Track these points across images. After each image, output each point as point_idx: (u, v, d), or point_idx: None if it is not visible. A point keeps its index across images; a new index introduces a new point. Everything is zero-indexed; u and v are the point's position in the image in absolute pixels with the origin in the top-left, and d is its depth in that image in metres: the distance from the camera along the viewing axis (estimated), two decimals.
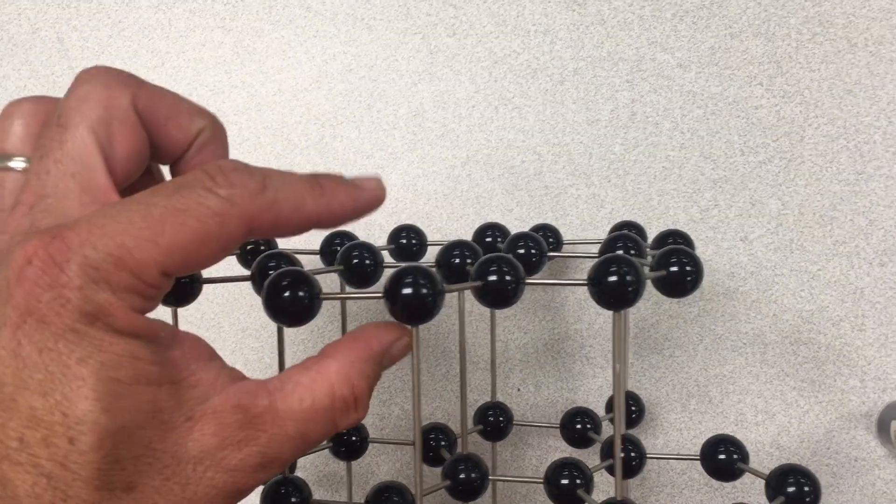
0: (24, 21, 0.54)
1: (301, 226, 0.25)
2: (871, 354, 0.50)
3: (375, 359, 0.28)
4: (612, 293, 0.30)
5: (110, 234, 0.21)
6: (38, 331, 0.20)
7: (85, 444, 0.20)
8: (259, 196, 0.23)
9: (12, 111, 0.27)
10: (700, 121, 0.50)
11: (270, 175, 0.24)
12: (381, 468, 0.53)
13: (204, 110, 0.28)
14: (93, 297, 0.20)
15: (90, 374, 0.20)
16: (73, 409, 0.20)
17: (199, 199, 0.22)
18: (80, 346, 0.20)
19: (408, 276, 0.28)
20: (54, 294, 0.20)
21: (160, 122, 0.26)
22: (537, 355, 0.52)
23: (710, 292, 0.51)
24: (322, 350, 0.27)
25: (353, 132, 0.52)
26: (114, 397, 0.21)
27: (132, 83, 0.26)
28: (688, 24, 0.50)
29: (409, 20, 0.51)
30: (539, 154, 0.51)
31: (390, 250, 0.45)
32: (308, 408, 0.25)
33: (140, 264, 0.21)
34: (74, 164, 0.24)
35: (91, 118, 0.24)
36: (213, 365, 0.25)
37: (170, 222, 0.21)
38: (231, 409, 0.23)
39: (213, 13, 0.53)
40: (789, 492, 0.34)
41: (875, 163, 0.49)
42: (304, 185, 0.25)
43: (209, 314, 0.53)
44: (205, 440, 0.23)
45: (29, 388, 0.20)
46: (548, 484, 0.36)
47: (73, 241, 0.21)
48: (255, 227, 0.23)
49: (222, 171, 0.23)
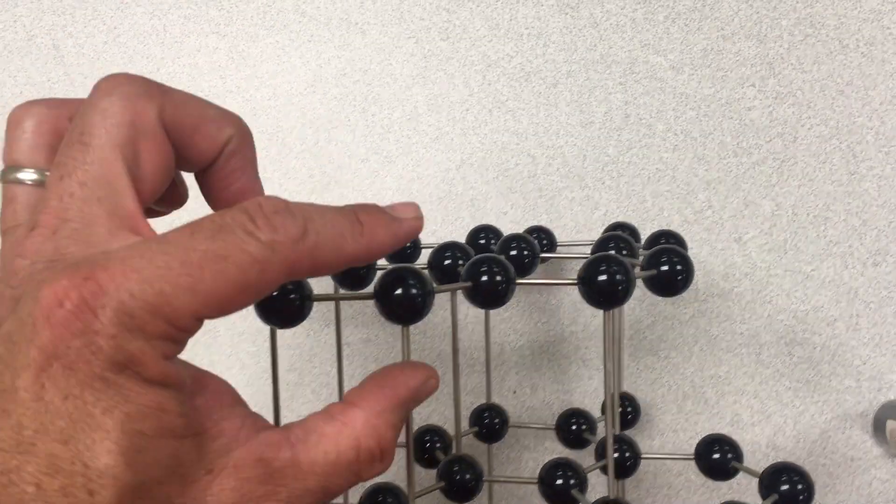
0: (20, 28, 0.54)
1: (339, 267, 0.24)
2: (866, 354, 0.50)
3: (403, 406, 0.26)
4: (601, 292, 0.30)
5: (148, 279, 0.20)
6: (64, 377, 0.19)
7: (104, 498, 0.19)
8: (301, 242, 0.22)
9: (21, 117, 0.25)
10: (693, 122, 0.50)
11: (312, 217, 0.23)
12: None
13: (231, 116, 0.27)
14: (125, 347, 0.19)
15: (115, 426, 0.19)
16: (94, 462, 0.19)
17: (241, 244, 0.21)
18: (107, 396, 0.19)
19: (398, 276, 0.28)
20: (85, 341, 0.19)
21: (187, 132, 0.25)
22: (533, 357, 0.52)
23: (704, 293, 0.51)
24: (346, 396, 0.26)
25: (347, 136, 0.52)
26: (137, 451, 0.20)
27: (157, 93, 0.24)
28: (680, 27, 0.50)
29: (402, 24, 0.52)
30: (533, 156, 0.51)
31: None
32: (332, 461, 0.24)
33: (177, 312, 0.20)
34: (100, 189, 0.22)
35: (116, 136, 0.23)
36: (237, 412, 0.24)
37: (209, 269, 0.20)
38: (253, 464, 0.22)
39: (207, 19, 0.53)
40: (783, 490, 0.34)
41: (868, 163, 0.49)
42: (345, 225, 0.24)
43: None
44: (224, 495, 0.22)
45: (49, 434, 0.19)
46: (542, 484, 0.36)
47: (108, 284, 0.19)
48: (295, 271, 0.22)
49: (263, 213, 0.22)
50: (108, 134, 0.23)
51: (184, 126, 0.25)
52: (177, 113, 0.25)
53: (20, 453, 0.19)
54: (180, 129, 0.25)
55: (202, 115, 0.26)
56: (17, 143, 0.25)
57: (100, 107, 0.23)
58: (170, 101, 0.25)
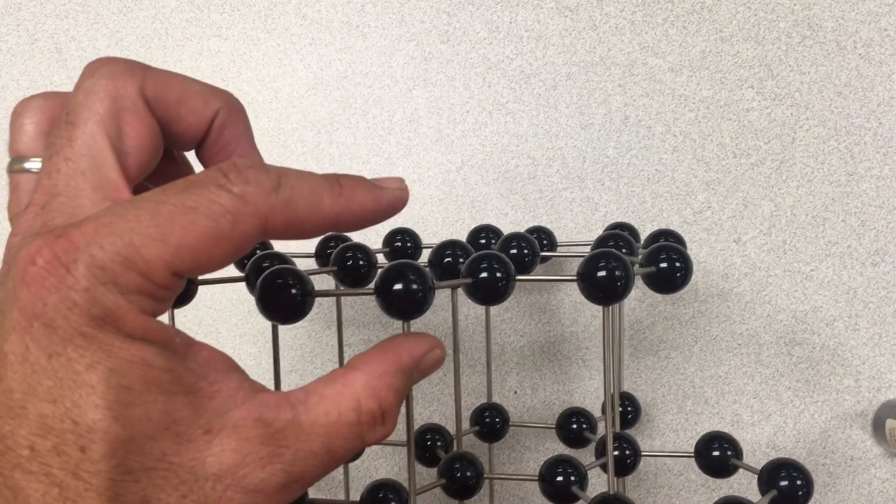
0: (23, 31, 0.54)
1: (319, 226, 0.24)
2: (865, 354, 0.50)
3: (405, 371, 0.26)
4: (600, 288, 0.30)
5: (118, 232, 0.20)
6: (46, 335, 0.19)
7: (96, 452, 0.19)
8: (274, 194, 0.22)
9: (21, 110, 0.26)
10: (692, 124, 0.51)
11: (287, 173, 0.23)
12: (378, 471, 0.53)
13: (217, 89, 0.27)
14: (100, 300, 0.20)
15: (100, 380, 0.20)
16: (83, 417, 0.19)
17: (211, 196, 0.21)
18: (90, 351, 0.20)
19: (398, 271, 0.28)
20: (61, 296, 0.19)
21: (171, 107, 0.26)
22: (533, 357, 0.52)
23: (704, 294, 0.51)
24: (349, 362, 0.26)
25: (348, 138, 0.53)
26: (124, 405, 0.20)
27: (138, 71, 0.25)
28: (679, 29, 0.51)
29: (403, 27, 0.52)
30: (533, 158, 0.52)
31: (385, 253, 0.46)
32: (334, 422, 0.24)
33: (149, 264, 0.20)
34: (84, 161, 0.23)
35: (99, 112, 0.23)
36: (233, 376, 0.24)
37: (179, 220, 0.20)
38: (252, 423, 0.22)
39: (209, 22, 0.53)
40: (782, 486, 0.35)
41: (866, 164, 0.50)
42: (323, 184, 0.24)
43: (207, 319, 0.53)
44: (225, 456, 0.22)
45: (38, 394, 0.19)
46: (542, 481, 0.36)
47: (79, 240, 0.20)
48: (270, 226, 0.22)
49: (236, 168, 0.22)
50: (90, 111, 0.24)
51: (167, 100, 0.25)
52: (159, 88, 0.25)
53: (12, 418, 0.20)
54: (164, 103, 0.25)
55: (185, 90, 0.26)
56: (19, 134, 0.26)
57: (84, 87, 0.24)
58: (151, 77, 0.25)
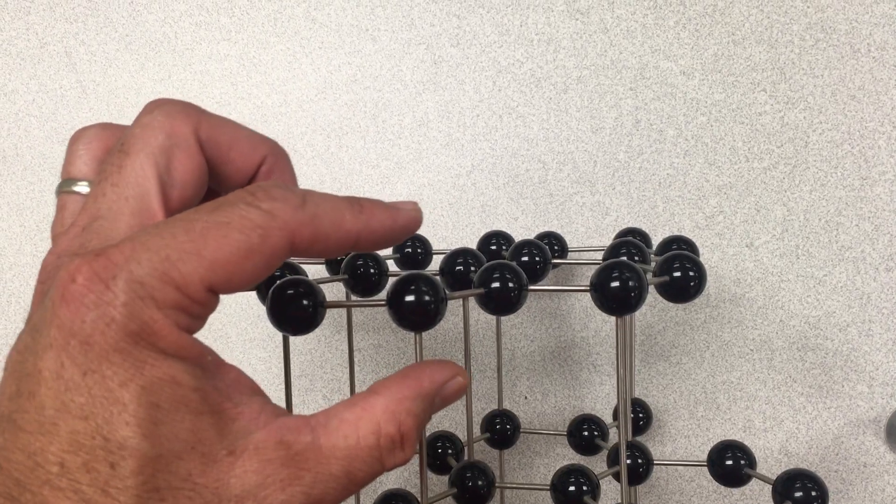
0: (33, 35, 0.54)
1: (341, 241, 0.25)
2: (878, 359, 0.49)
3: (425, 397, 0.26)
4: (614, 299, 0.30)
5: (154, 248, 0.21)
6: (83, 353, 0.20)
7: (126, 469, 0.20)
8: (300, 210, 0.23)
9: (79, 137, 0.27)
10: (704, 127, 0.50)
11: (311, 192, 0.24)
12: (388, 477, 0.53)
13: (265, 138, 0.28)
14: (138, 315, 0.20)
15: (132, 398, 0.20)
16: (114, 434, 0.20)
17: (241, 212, 0.22)
18: (123, 368, 0.20)
19: (410, 283, 0.28)
20: (99, 313, 0.20)
21: (223, 150, 0.27)
22: (544, 363, 0.52)
23: (716, 299, 0.50)
24: (370, 387, 0.26)
25: (358, 142, 0.52)
26: (154, 423, 0.20)
27: (194, 112, 0.26)
28: (690, 32, 0.50)
29: (413, 31, 0.52)
30: (544, 162, 0.51)
31: (396, 259, 0.45)
32: (353, 445, 0.24)
33: (185, 278, 0.21)
34: (130, 189, 0.24)
35: (152, 145, 0.25)
36: (256, 399, 0.24)
37: (213, 235, 0.21)
38: (274, 446, 0.23)
39: (218, 26, 0.53)
40: (796, 496, 0.34)
41: (880, 168, 0.49)
42: (344, 203, 0.25)
43: (216, 324, 0.53)
44: (247, 478, 0.22)
45: (70, 411, 0.20)
46: (554, 491, 0.36)
47: (117, 258, 0.20)
48: (297, 240, 0.23)
49: (263, 188, 0.23)
50: (144, 143, 0.25)
51: (219, 143, 0.27)
52: (212, 131, 0.27)
53: (43, 434, 0.20)
54: (216, 145, 0.27)
55: (236, 134, 0.27)
56: (73, 158, 0.27)
57: (142, 121, 0.25)
58: (206, 120, 0.26)
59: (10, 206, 0.55)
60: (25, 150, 0.54)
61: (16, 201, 0.55)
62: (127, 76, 0.54)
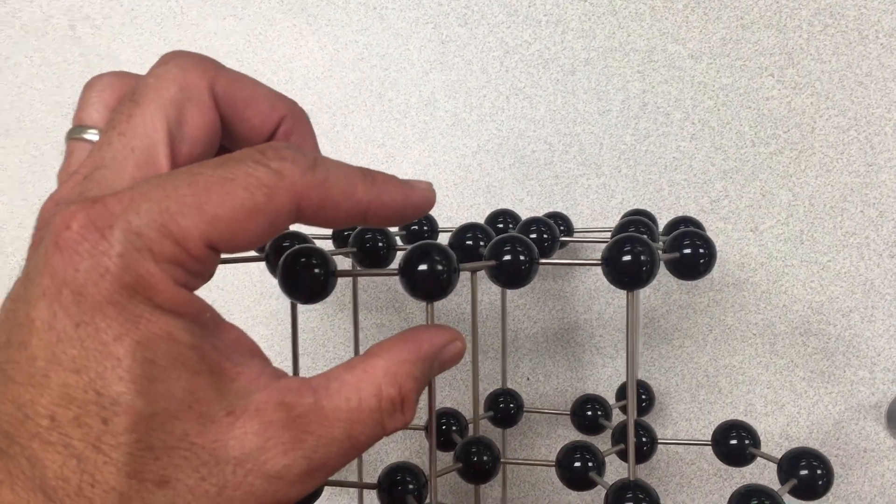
0: (37, 8, 0.54)
1: (350, 211, 0.24)
2: (880, 345, 0.50)
3: (425, 360, 0.26)
4: (626, 272, 0.30)
5: (154, 199, 0.20)
6: (75, 303, 0.19)
7: (119, 425, 0.19)
8: (310, 172, 0.22)
9: (93, 83, 0.26)
10: (711, 112, 0.50)
11: (323, 157, 0.23)
12: (390, 456, 0.53)
13: (285, 98, 0.27)
14: (134, 267, 0.19)
15: (126, 353, 0.19)
16: (107, 389, 0.19)
17: (248, 169, 0.21)
18: (118, 322, 0.19)
19: (424, 252, 0.28)
20: (93, 262, 0.19)
21: (239, 107, 0.26)
22: (547, 344, 0.52)
23: (719, 283, 0.51)
24: (369, 349, 0.26)
25: (364, 121, 0.52)
26: (148, 380, 0.20)
27: (211, 66, 0.25)
28: (699, 15, 0.50)
29: (420, 9, 0.52)
30: (550, 144, 0.51)
31: (402, 237, 0.45)
32: (355, 407, 0.23)
33: (184, 232, 0.20)
34: (137, 140, 0.23)
35: (164, 97, 0.24)
36: (256, 361, 0.23)
37: (216, 190, 0.20)
38: (275, 407, 0.22)
39: (224, 2, 0.53)
40: (802, 475, 0.34)
41: (886, 154, 0.49)
42: (357, 172, 0.24)
43: (219, 301, 0.53)
44: (247, 439, 0.21)
45: (62, 363, 0.19)
46: (560, 467, 0.36)
47: (115, 206, 0.20)
48: (304, 204, 0.22)
49: (273, 147, 0.22)
50: (156, 94, 0.24)
51: (235, 99, 0.26)
52: (229, 86, 0.25)
53: (33, 386, 0.19)
54: (232, 101, 0.26)
55: (254, 92, 0.26)
56: (85, 104, 0.26)
57: (155, 72, 0.24)
58: (223, 75, 0.25)
59: (12, 179, 0.54)
60: (28, 124, 0.54)
61: (18, 174, 0.54)
62: (131, 51, 0.54)
